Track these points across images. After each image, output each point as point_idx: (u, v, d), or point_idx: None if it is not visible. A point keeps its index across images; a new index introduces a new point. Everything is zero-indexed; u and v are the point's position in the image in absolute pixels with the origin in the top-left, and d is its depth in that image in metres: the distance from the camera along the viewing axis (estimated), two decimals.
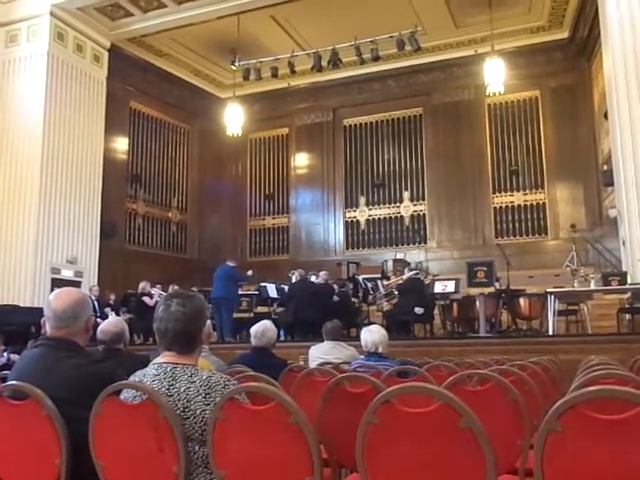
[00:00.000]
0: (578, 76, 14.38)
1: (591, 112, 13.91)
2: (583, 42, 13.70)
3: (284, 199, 17.18)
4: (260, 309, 11.26)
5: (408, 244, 15.58)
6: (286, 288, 10.81)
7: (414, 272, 10.34)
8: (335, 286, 10.57)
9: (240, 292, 11.05)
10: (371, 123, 16.50)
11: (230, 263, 10.58)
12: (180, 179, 16.69)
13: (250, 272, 11.00)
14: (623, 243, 9.86)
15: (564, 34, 14.28)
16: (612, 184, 10.50)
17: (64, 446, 1.97)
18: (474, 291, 9.42)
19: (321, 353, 5.13)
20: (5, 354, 6.97)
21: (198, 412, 1.90)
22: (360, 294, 11.28)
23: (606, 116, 10.87)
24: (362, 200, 16.39)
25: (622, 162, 9.42)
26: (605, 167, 12.13)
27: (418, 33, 12.33)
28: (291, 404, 1.73)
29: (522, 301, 9.44)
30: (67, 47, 12.66)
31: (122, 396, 2.01)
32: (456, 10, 13.47)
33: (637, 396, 1.40)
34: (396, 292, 10.15)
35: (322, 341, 5.31)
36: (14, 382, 2.12)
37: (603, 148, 12.99)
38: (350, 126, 16.75)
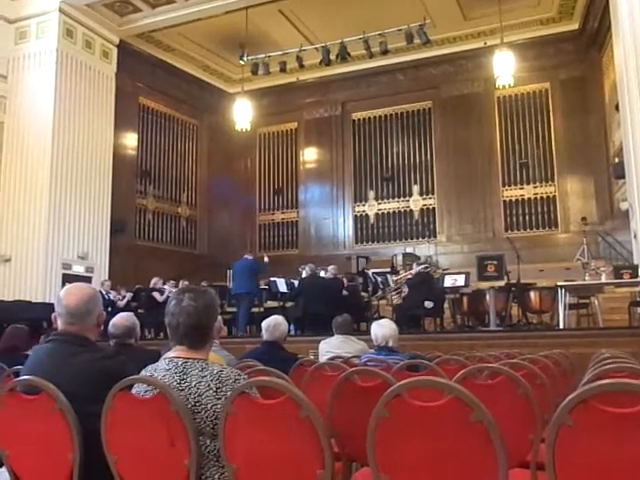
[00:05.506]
0: (589, 68, 14.24)
1: (602, 104, 13.78)
2: (594, 33, 13.57)
3: (293, 194, 17.17)
4: (270, 304, 11.29)
5: (417, 238, 15.53)
6: (296, 283, 10.82)
7: (423, 266, 10.32)
8: (345, 280, 10.57)
9: None
10: (380, 117, 16.44)
11: (249, 257, 10.56)
12: (189, 174, 16.71)
13: (266, 259, 10.99)
14: (634, 236, 9.79)
15: (574, 25, 14.15)
16: (623, 177, 10.41)
17: (76, 440, 1.99)
18: (484, 285, 9.40)
19: (331, 347, 5.14)
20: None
21: (209, 406, 1.91)
22: (370, 288, 11.27)
23: (617, 108, 10.77)
24: (371, 194, 16.35)
25: (633, 154, 9.33)
26: (616, 159, 12.03)
27: (427, 26, 12.25)
28: (302, 398, 1.73)
29: (532, 295, 9.41)
30: (76, 43, 12.69)
31: (133, 390, 2.03)
32: (465, 2, 13.38)
33: None
34: (406, 286, 10.14)
35: (332, 335, 5.33)
36: (27, 377, 2.14)
37: (614, 140, 12.87)
38: (359, 120, 16.69)
